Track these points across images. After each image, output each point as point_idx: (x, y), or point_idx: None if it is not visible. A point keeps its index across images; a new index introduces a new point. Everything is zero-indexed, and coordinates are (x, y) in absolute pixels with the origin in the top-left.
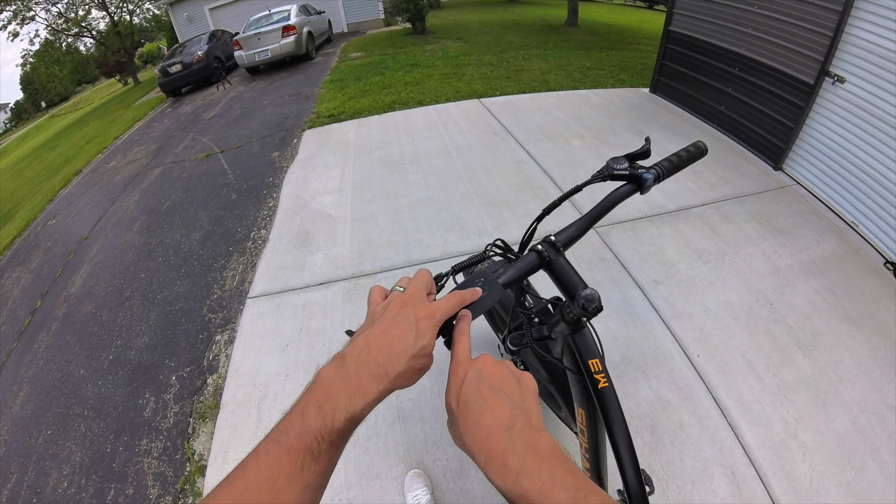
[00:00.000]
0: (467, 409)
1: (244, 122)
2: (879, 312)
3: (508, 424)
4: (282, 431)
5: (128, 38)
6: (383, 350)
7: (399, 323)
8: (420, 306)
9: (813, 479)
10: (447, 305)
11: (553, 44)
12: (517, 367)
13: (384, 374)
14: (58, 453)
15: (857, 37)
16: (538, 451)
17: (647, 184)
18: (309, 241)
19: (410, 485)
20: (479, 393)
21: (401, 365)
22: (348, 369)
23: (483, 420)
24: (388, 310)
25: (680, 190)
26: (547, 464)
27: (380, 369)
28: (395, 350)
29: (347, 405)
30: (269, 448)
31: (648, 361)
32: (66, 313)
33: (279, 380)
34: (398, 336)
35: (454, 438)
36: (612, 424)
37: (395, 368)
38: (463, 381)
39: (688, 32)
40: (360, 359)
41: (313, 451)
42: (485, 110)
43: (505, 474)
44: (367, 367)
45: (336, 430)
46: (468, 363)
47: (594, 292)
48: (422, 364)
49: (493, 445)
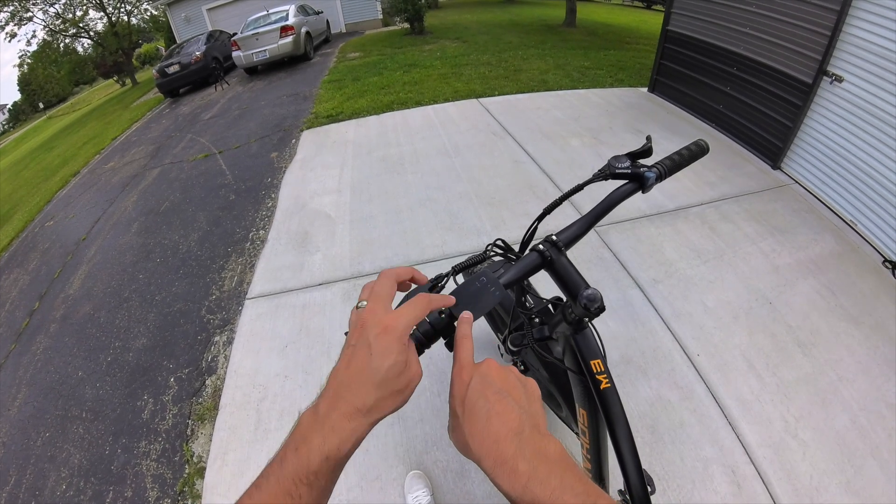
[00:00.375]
0: (473, 414)
1: (242, 122)
2: (878, 311)
3: (517, 430)
4: (263, 477)
5: (125, 39)
6: (351, 385)
7: (358, 351)
8: (379, 321)
9: (813, 477)
10: (412, 312)
11: (551, 43)
12: (518, 368)
13: (355, 410)
14: (56, 455)
15: (855, 36)
16: (547, 457)
17: (649, 183)
18: (308, 242)
19: (411, 486)
20: (486, 398)
21: (370, 398)
22: (320, 412)
23: (491, 425)
24: (349, 335)
25: (679, 189)
26: (556, 469)
27: (349, 407)
28: (360, 383)
29: (321, 446)
30: (251, 493)
31: (648, 361)
32: (64, 315)
33: (278, 381)
34: (360, 367)
35: (457, 444)
36: (615, 425)
37: (366, 403)
38: (468, 385)
39: (686, 32)
40: (330, 400)
41: (292, 494)
42: (483, 110)
43: (514, 480)
44: (337, 406)
45: (312, 471)
46: (472, 367)
47: (596, 292)
48: (398, 386)
49: (502, 451)
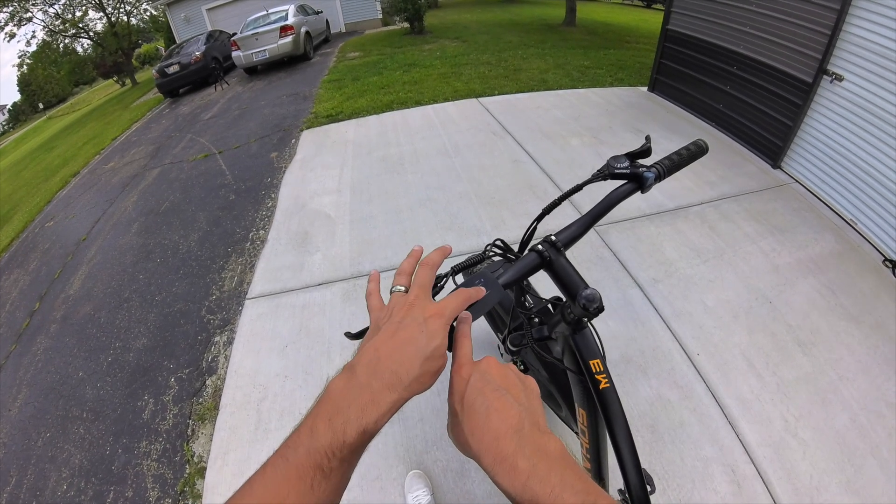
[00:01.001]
0: (473, 412)
1: (242, 122)
2: (878, 310)
3: (517, 427)
4: (290, 447)
5: (125, 39)
6: (394, 356)
7: (407, 326)
8: (427, 306)
9: (813, 476)
10: (454, 303)
11: (551, 43)
12: (518, 367)
13: (398, 381)
14: (57, 455)
15: (855, 35)
16: (548, 454)
17: (648, 183)
18: (307, 242)
19: (411, 485)
20: (485, 395)
21: (415, 369)
22: (359, 380)
23: (490, 422)
24: (393, 313)
25: (679, 188)
26: (556, 467)
27: (392, 377)
28: (406, 354)
29: (359, 418)
30: (277, 464)
31: (648, 360)
32: (64, 315)
33: (278, 381)
34: (408, 339)
35: (457, 442)
36: (614, 425)
37: (409, 374)
38: (467, 382)
39: (686, 31)
40: (370, 367)
41: (324, 468)
42: (483, 110)
43: (514, 478)
44: (379, 375)
45: (347, 445)
46: (471, 365)
47: (595, 292)
48: (437, 366)
49: (501, 448)
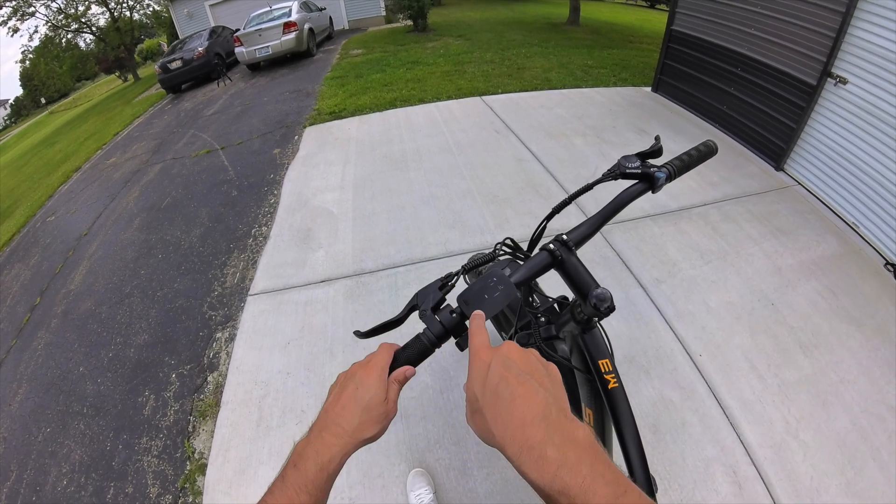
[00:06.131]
0: (496, 398)
1: (245, 118)
2: (880, 313)
3: (543, 413)
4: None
5: (127, 35)
6: (338, 411)
7: (346, 387)
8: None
9: (814, 478)
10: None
11: (555, 42)
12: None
13: (342, 430)
14: (57, 451)
15: (859, 38)
16: (577, 443)
17: (660, 182)
18: (310, 239)
19: (413, 484)
20: (507, 381)
21: (354, 419)
22: (312, 434)
23: (515, 409)
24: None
25: (682, 189)
26: (587, 456)
27: (337, 428)
28: (345, 409)
29: (315, 459)
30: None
31: (651, 360)
32: (65, 310)
33: (280, 378)
34: (348, 397)
35: (478, 430)
36: (622, 425)
37: (351, 423)
38: (489, 366)
39: (690, 32)
40: (320, 424)
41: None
42: (486, 108)
43: (543, 468)
44: (327, 428)
45: (309, 480)
46: (491, 351)
47: (606, 292)
48: (376, 413)
49: (529, 436)
